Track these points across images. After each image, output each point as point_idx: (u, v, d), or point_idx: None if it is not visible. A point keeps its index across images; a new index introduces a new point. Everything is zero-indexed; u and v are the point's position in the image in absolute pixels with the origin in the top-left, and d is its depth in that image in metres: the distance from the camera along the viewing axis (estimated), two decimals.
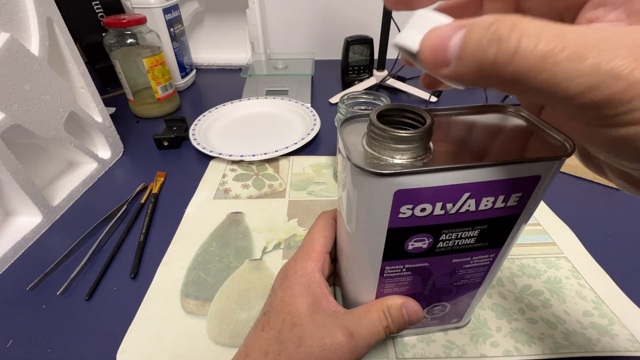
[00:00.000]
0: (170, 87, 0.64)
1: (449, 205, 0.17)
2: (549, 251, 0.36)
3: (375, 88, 0.72)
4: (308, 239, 0.25)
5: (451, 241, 0.20)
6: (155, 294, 0.33)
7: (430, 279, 0.22)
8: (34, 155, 0.43)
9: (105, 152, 0.51)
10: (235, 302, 0.32)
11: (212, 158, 0.51)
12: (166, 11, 0.66)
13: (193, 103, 0.71)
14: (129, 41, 0.57)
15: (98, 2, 0.67)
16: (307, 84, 0.72)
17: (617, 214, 0.41)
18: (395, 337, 0.29)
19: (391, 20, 0.64)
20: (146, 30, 0.58)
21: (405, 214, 0.17)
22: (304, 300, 0.22)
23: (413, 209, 0.17)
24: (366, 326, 0.21)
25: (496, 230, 0.20)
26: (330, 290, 0.24)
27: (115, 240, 0.38)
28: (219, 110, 0.62)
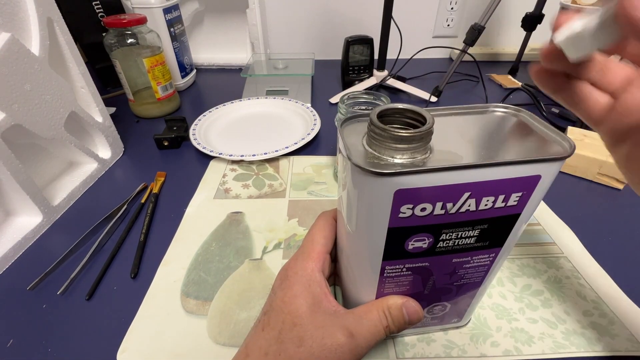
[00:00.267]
0: (171, 87, 0.64)
1: (449, 205, 0.17)
2: (549, 251, 0.36)
3: (376, 88, 0.72)
4: (308, 239, 0.25)
5: (451, 241, 0.20)
6: (155, 294, 0.33)
7: (430, 278, 0.22)
8: (34, 155, 0.43)
9: (105, 152, 0.51)
10: (235, 301, 0.32)
11: (212, 158, 0.51)
12: (166, 11, 0.66)
13: (193, 103, 0.71)
14: (129, 41, 0.57)
15: (98, 2, 0.67)
16: (307, 84, 0.72)
17: (617, 214, 0.41)
18: (396, 336, 0.29)
19: (391, 20, 0.64)
20: (146, 30, 0.58)
21: (405, 213, 0.17)
22: (304, 300, 0.22)
23: (413, 208, 0.17)
24: (366, 326, 0.21)
25: (496, 230, 0.20)
26: (330, 290, 0.24)
27: (116, 240, 0.38)
28: (219, 110, 0.62)
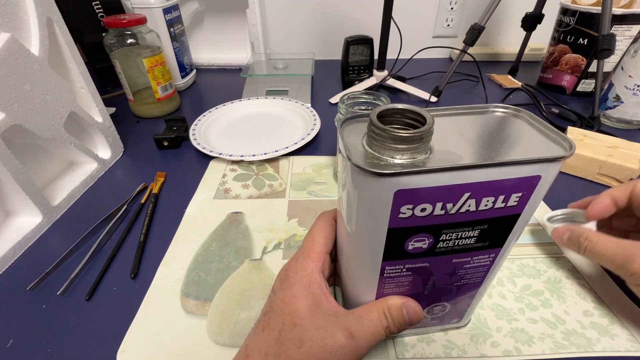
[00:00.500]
0: (170, 87, 0.64)
1: (449, 205, 0.17)
2: (549, 251, 0.36)
3: (376, 88, 0.72)
4: (308, 239, 0.25)
5: (451, 241, 0.20)
6: (155, 294, 0.33)
7: (430, 279, 0.22)
8: (34, 155, 0.43)
9: (105, 152, 0.51)
10: (235, 302, 0.32)
11: (212, 158, 0.51)
12: (166, 11, 0.66)
13: (193, 103, 0.71)
14: (129, 41, 0.57)
15: (98, 2, 0.67)
16: (307, 84, 0.72)
17: None
18: (396, 337, 0.29)
19: (391, 20, 0.64)
20: (146, 30, 0.58)
21: (405, 214, 0.17)
22: (304, 301, 0.22)
23: (413, 208, 0.17)
24: (367, 327, 0.21)
25: (496, 230, 0.20)
26: (330, 290, 0.24)
27: (116, 240, 0.38)
28: (219, 110, 0.62)
